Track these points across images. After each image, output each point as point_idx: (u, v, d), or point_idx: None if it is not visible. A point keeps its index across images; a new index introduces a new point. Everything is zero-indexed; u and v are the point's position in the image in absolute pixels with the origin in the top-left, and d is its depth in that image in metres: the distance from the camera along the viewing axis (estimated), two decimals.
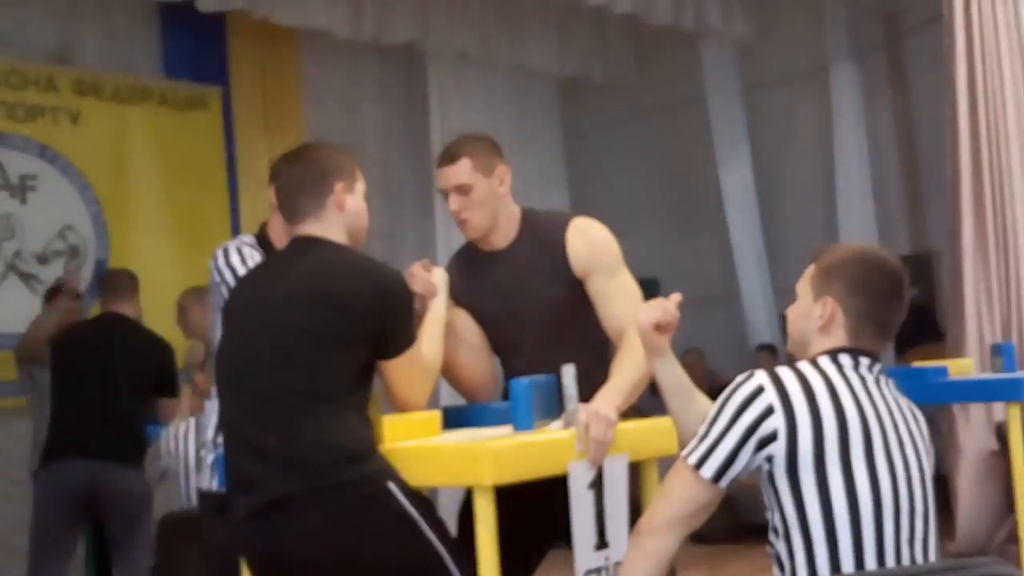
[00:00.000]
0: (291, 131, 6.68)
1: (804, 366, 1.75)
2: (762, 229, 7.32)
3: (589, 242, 2.53)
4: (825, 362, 1.76)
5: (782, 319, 8.37)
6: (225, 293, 2.61)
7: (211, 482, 2.72)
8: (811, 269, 1.90)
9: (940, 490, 6.00)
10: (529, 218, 2.62)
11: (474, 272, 2.61)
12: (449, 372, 2.55)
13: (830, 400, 1.67)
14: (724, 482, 1.71)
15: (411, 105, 7.25)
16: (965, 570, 1.53)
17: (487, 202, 2.53)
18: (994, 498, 5.17)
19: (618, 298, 2.49)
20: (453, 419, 2.40)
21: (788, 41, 7.24)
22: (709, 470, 1.70)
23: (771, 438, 1.66)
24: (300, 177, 2.25)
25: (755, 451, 1.68)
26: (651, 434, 2.31)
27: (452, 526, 2.28)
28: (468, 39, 6.62)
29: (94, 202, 5.93)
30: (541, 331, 2.53)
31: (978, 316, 5.28)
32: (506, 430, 2.20)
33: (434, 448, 2.08)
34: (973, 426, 5.30)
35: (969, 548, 5.22)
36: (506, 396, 2.33)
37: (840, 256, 1.85)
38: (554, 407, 2.25)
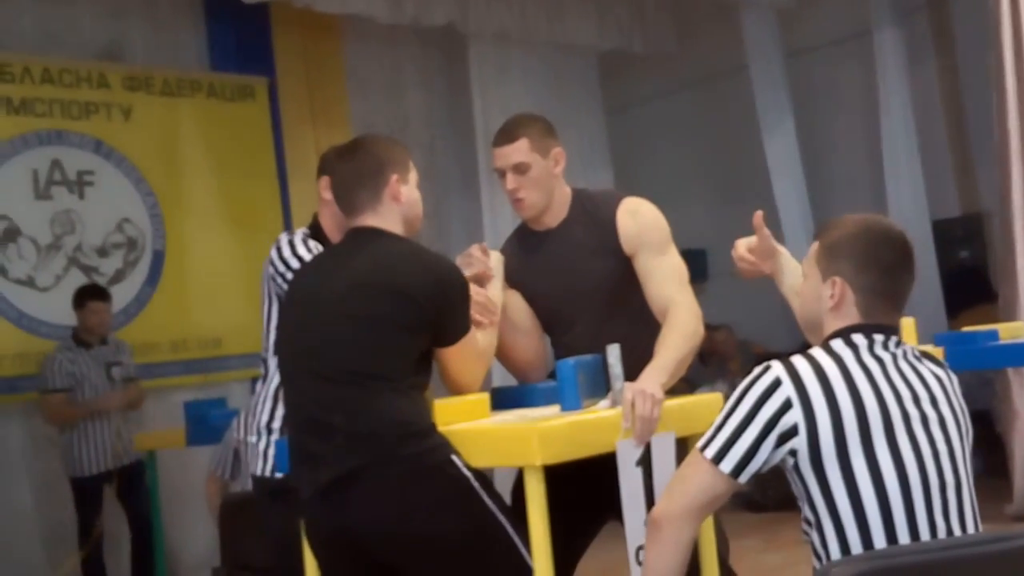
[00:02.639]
0: (337, 117, 6.78)
1: (819, 354, 1.73)
2: (809, 196, 7.26)
3: (639, 220, 2.59)
4: (839, 346, 1.75)
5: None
6: (285, 283, 2.69)
7: (264, 468, 2.79)
8: (815, 247, 1.87)
9: (997, 452, 5.95)
10: (580, 197, 2.68)
11: (528, 250, 2.68)
12: (501, 353, 2.62)
13: (846, 388, 1.66)
14: (744, 478, 1.71)
15: (453, 87, 7.31)
16: (1008, 541, 1.52)
17: (543, 182, 2.59)
18: None
19: (664, 276, 2.54)
20: (502, 400, 2.47)
21: (829, 6, 7.16)
22: (728, 464, 1.70)
23: (792, 432, 1.65)
24: (356, 171, 2.32)
25: (776, 446, 1.67)
26: (698, 409, 2.36)
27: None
28: (507, 18, 6.64)
29: (150, 195, 6.07)
30: (592, 307, 2.59)
31: None
32: (554, 410, 2.26)
33: (484, 430, 2.14)
34: None
35: None
36: (554, 375, 2.39)
37: (844, 232, 1.82)
38: (601, 386, 2.31)
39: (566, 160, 2.69)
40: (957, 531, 1.64)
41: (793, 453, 1.67)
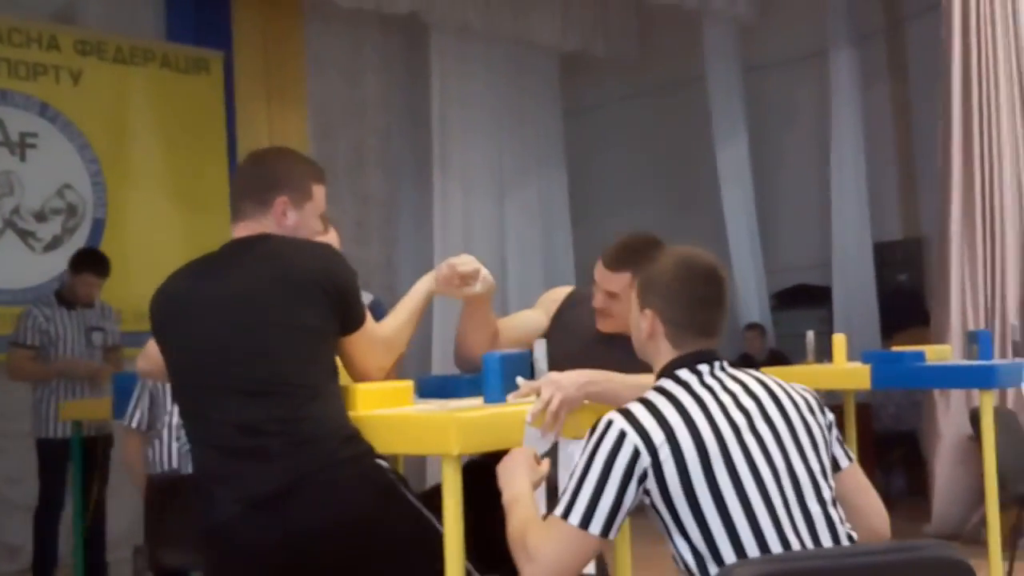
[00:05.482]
0: (293, 98, 6.72)
1: (656, 398, 1.78)
2: (756, 209, 7.36)
3: None
4: (671, 385, 1.81)
5: (773, 299, 8.34)
6: None
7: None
8: (636, 279, 1.96)
9: (921, 473, 6.00)
10: None
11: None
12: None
13: (686, 428, 1.71)
14: (613, 532, 1.72)
15: (412, 76, 7.28)
16: (909, 551, 1.55)
17: None
18: (970, 483, 5.25)
19: None
20: (426, 390, 2.47)
21: (789, 23, 7.26)
22: (597, 526, 1.71)
23: (644, 476, 1.70)
24: (249, 180, 2.24)
25: (637, 489, 1.71)
26: None
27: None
28: (471, 11, 6.64)
29: (93, 161, 5.97)
30: None
31: (962, 302, 5.34)
32: (477, 401, 2.26)
33: (403, 417, 2.12)
34: (952, 411, 5.37)
35: (943, 531, 5.29)
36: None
37: (657, 267, 1.89)
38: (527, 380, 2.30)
39: (522, 159, 2.69)
40: (810, 545, 1.67)
41: (647, 492, 1.72)
